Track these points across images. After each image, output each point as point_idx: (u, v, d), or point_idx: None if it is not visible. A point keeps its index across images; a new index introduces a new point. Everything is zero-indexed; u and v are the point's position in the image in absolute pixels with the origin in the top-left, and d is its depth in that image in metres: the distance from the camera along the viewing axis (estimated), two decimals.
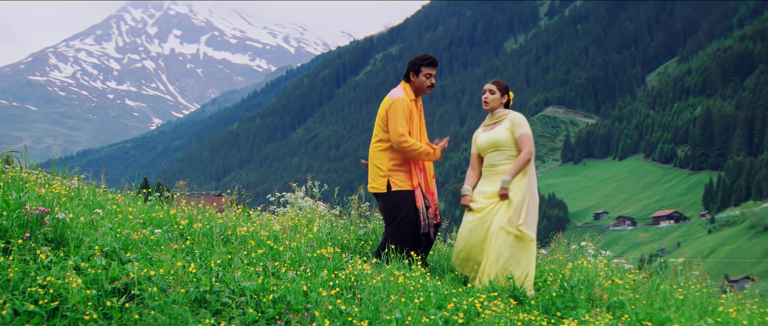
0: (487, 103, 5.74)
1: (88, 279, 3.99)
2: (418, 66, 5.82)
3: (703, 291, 5.59)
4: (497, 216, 5.46)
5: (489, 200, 5.55)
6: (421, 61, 5.84)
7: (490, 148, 5.64)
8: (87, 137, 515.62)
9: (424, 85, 5.81)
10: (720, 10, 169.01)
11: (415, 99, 5.83)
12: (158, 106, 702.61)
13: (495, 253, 5.37)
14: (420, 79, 5.81)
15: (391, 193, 5.69)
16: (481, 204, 5.57)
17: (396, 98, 5.72)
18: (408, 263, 5.32)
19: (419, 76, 5.81)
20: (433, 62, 5.85)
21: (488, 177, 5.63)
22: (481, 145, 5.71)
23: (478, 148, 5.75)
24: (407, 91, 5.81)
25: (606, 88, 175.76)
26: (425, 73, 5.80)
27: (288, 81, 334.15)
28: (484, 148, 5.68)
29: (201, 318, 3.92)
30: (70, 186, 5.83)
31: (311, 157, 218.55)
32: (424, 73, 5.80)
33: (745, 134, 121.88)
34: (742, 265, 78.16)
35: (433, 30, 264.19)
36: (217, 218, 5.56)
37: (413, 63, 5.85)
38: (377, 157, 5.80)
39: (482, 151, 5.72)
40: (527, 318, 4.59)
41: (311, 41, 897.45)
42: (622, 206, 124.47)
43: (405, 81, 5.88)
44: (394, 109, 5.68)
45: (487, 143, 5.67)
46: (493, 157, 5.63)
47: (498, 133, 5.64)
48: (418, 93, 5.87)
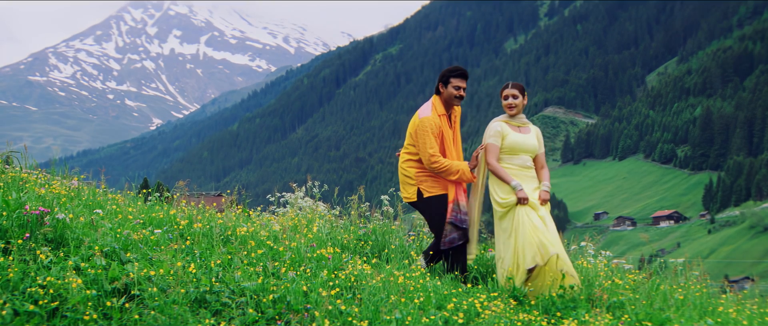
0: (514, 107, 5.68)
1: (88, 280, 3.99)
2: (447, 77, 5.78)
3: (703, 291, 5.58)
4: None
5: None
6: (449, 73, 5.80)
7: (528, 151, 5.63)
8: (87, 137, 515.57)
9: (452, 96, 5.75)
10: (720, 10, 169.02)
11: (445, 113, 5.79)
12: (158, 106, 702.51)
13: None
14: (448, 90, 5.75)
15: (423, 200, 5.71)
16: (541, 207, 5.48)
17: (422, 118, 5.68)
18: (408, 263, 5.32)
19: (448, 88, 5.75)
20: (463, 73, 5.80)
21: (519, 177, 5.56)
22: (519, 146, 5.61)
23: (514, 146, 5.61)
24: (436, 105, 5.77)
25: (606, 89, 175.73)
26: (454, 85, 5.75)
27: (288, 81, 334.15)
28: (521, 150, 5.62)
29: (201, 318, 3.92)
30: (70, 186, 5.83)
31: (311, 157, 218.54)
32: (453, 84, 5.75)
33: (745, 134, 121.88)
34: (742, 265, 78.18)
35: (433, 30, 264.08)
36: (217, 218, 5.56)
37: (443, 75, 5.82)
38: (405, 167, 5.83)
39: (515, 151, 5.61)
40: (527, 318, 4.59)
41: (311, 41, 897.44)
42: (622, 206, 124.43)
43: (435, 93, 5.85)
44: (422, 129, 5.64)
45: (526, 146, 5.63)
46: (526, 160, 5.62)
47: (532, 140, 5.66)
48: (448, 104, 5.83)
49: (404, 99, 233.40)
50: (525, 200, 5.39)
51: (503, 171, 5.52)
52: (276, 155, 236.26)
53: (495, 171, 5.55)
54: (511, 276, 5.27)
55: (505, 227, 5.46)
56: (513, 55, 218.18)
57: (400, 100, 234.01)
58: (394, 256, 5.76)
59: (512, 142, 5.60)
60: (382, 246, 6.00)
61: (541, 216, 5.39)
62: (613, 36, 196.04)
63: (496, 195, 5.52)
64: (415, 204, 5.79)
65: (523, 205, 5.40)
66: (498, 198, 5.50)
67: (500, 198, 5.49)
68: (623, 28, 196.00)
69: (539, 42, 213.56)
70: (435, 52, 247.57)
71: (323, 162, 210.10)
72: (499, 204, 5.49)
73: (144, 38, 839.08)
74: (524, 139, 5.63)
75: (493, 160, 5.58)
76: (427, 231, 6.82)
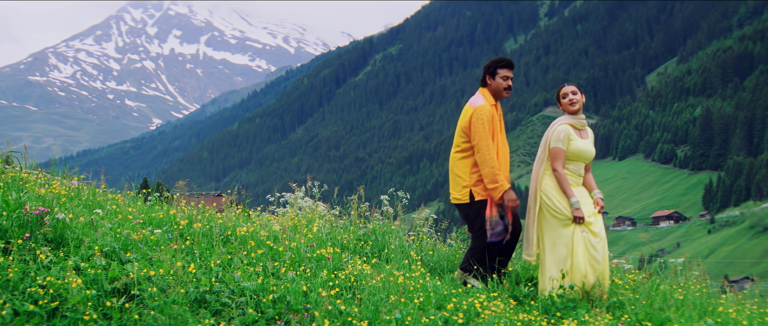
0: (576, 103, 5.42)
1: (88, 280, 3.99)
2: (494, 68, 5.59)
3: (703, 291, 5.57)
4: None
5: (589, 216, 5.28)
6: (496, 64, 5.61)
7: (587, 160, 5.40)
8: (87, 137, 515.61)
9: (501, 88, 5.56)
10: (720, 10, 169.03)
11: (495, 104, 5.58)
12: (158, 106, 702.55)
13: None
14: (497, 81, 5.56)
15: (474, 203, 5.46)
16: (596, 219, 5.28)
17: (476, 106, 5.45)
18: (408, 263, 5.32)
19: (496, 79, 5.56)
20: (509, 63, 5.61)
21: (574, 185, 5.31)
22: (582, 153, 5.35)
23: (577, 154, 5.34)
24: (486, 96, 5.56)
25: (606, 89, 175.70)
26: (502, 75, 5.56)
27: (288, 81, 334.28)
28: (581, 158, 5.35)
29: (201, 318, 3.92)
30: (69, 186, 5.83)
31: (311, 157, 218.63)
32: (500, 75, 5.56)
33: (745, 134, 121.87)
34: (741, 265, 78.14)
35: (433, 30, 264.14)
36: (216, 218, 5.56)
37: (489, 66, 5.63)
38: (458, 166, 5.55)
39: (577, 158, 5.34)
40: (527, 318, 4.59)
41: (311, 41, 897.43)
42: (622, 206, 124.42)
43: (482, 86, 5.66)
44: (478, 118, 5.40)
45: (587, 153, 5.36)
46: (581, 167, 5.38)
47: (591, 147, 5.40)
48: (496, 97, 5.61)
49: (404, 99, 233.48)
50: (581, 220, 5.17)
51: (567, 183, 5.25)
52: (276, 155, 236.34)
53: (560, 180, 5.25)
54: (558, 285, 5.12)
55: (555, 240, 5.25)
56: (513, 55, 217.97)
57: (400, 100, 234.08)
58: (394, 256, 5.75)
59: (577, 150, 5.33)
60: (382, 246, 5.99)
61: (597, 234, 5.20)
62: (613, 36, 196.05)
63: (553, 203, 5.26)
64: (465, 206, 5.51)
65: (579, 224, 5.20)
66: (555, 209, 5.25)
67: (558, 210, 5.24)
68: (623, 28, 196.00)
69: (539, 42, 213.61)
70: (435, 52, 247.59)
71: (323, 162, 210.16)
72: (555, 215, 5.25)
73: (144, 38, 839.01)
74: (587, 146, 5.38)
75: (560, 166, 5.29)
76: (427, 231, 6.78)
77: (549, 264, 5.25)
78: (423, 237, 6.65)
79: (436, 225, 7.10)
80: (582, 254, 5.15)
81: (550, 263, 5.24)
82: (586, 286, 5.11)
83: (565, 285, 5.08)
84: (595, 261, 5.15)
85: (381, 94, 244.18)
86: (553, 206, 5.26)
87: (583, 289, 5.12)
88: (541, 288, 5.26)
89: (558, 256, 5.21)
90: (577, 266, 5.13)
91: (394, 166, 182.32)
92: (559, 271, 5.17)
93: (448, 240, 6.81)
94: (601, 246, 5.20)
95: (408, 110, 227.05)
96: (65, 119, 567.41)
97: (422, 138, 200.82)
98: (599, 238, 5.21)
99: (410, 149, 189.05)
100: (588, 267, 5.14)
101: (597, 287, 5.12)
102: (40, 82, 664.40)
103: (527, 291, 5.23)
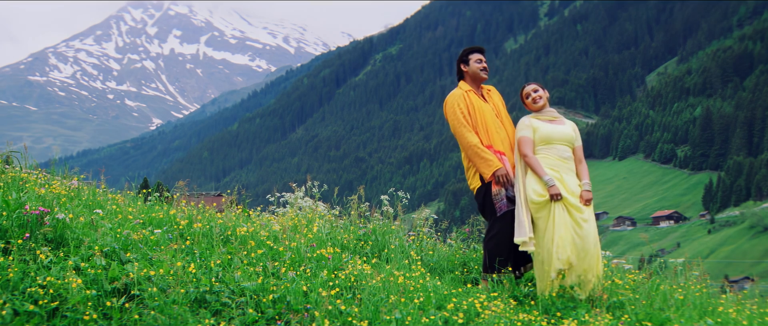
0: (540, 98, 5.55)
1: (88, 280, 3.99)
2: (466, 56, 5.80)
3: (703, 291, 5.58)
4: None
5: (571, 195, 5.31)
6: (465, 52, 5.82)
7: (564, 140, 5.46)
8: (87, 137, 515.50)
9: (477, 71, 5.73)
10: (720, 10, 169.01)
11: (471, 89, 5.71)
12: (158, 106, 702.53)
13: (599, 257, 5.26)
14: (471, 67, 5.75)
15: (485, 184, 5.52)
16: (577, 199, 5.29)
17: (448, 96, 5.70)
18: (408, 263, 5.31)
19: (470, 64, 5.76)
20: (478, 48, 5.83)
21: (559, 167, 5.38)
22: (553, 135, 5.46)
23: (547, 137, 5.44)
24: (461, 85, 5.76)
25: (606, 88, 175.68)
26: (475, 60, 5.75)
27: (288, 81, 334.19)
28: (556, 139, 5.45)
29: (201, 318, 3.92)
30: (69, 186, 5.83)
31: (311, 157, 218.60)
32: (473, 60, 5.75)
33: (745, 134, 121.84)
34: (742, 265, 78.14)
35: (433, 30, 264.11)
36: (216, 218, 5.56)
37: (461, 56, 5.82)
38: (463, 157, 5.76)
39: (551, 140, 5.44)
40: (527, 318, 4.59)
41: (311, 41, 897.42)
42: (622, 206, 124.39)
43: (459, 78, 5.84)
44: (449, 105, 5.64)
45: (562, 136, 5.47)
46: (564, 151, 5.45)
47: (567, 131, 5.51)
48: (476, 81, 5.79)
49: (404, 99, 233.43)
50: (557, 196, 5.21)
51: (538, 164, 5.34)
52: (276, 155, 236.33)
53: (530, 163, 5.35)
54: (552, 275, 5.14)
55: (540, 225, 5.28)
56: (513, 55, 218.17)
57: (399, 100, 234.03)
58: (394, 256, 5.75)
59: (545, 133, 5.45)
60: (382, 246, 5.99)
61: (584, 218, 5.22)
62: (613, 36, 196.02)
63: (531, 190, 5.31)
64: (479, 191, 5.57)
65: (558, 201, 5.22)
66: (533, 195, 5.28)
67: (535, 194, 5.27)
68: (623, 28, 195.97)
69: (539, 42, 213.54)
70: (435, 52, 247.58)
71: (323, 162, 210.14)
72: (533, 200, 5.28)
73: (144, 38, 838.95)
74: (557, 129, 5.49)
75: (529, 151, 5.41)
76: (427, 231, 6.78)
77: (537, 250, 5.30)
78: (423, 237, 6.65)
79: (436, 225, 7.10)
80: (565, 233, 5.16)
81: (538, 249, 5.29)
82: (572, 268, 5.11)
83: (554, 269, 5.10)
84: (579, 240, 5.14)
85: (381, 94, 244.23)
86: (532, 192, 5.31)
87: (574, 273, 5.12)
88: (537, 278, 5.30)
89: (543, 238, 5.26)
90: (562, 244, 5.13)
91: (394, 166, 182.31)
92: (547, 252, 5.19)
93: (448, 240, 6.81)
94: (586, 230, 5.18)
95: (408, 110, 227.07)
96: (65, 119, 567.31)
97: (422, 138, 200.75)
98: (588, 223, 5.21)
99: (410, 149, 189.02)
100: (571, 246, 5.13)
101: (587, 274, 5.11)
102: (40, 82, 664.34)
103: (527, 291, 5.23)
